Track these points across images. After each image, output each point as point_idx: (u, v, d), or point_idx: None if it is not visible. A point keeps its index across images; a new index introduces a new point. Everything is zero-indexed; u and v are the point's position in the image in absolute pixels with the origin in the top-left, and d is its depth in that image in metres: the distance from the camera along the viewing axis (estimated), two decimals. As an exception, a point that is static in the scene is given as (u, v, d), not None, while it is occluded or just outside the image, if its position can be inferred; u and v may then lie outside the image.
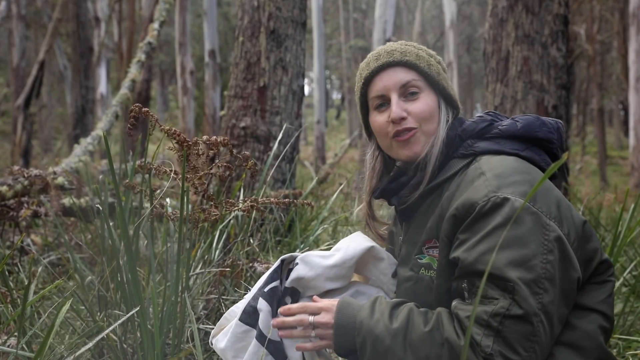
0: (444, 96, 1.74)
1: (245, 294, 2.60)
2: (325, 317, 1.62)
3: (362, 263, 1.76)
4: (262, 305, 1.65)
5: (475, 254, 1.45)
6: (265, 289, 1.68)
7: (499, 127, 1.67)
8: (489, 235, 1.44)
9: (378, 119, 1.75)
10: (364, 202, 1.91)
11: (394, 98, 1.71)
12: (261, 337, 1.63)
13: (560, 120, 1.70)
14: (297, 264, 1.70)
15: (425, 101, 1.71)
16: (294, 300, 1.73)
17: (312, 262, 1.69)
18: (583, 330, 1.52)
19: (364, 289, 1.76)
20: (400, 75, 1.71)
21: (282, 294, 1.71)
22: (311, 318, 1.63)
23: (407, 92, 1.71)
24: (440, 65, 1.77)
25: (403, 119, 1.69)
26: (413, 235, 1.74)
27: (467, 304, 1.47)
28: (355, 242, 1.75)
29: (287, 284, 1.70)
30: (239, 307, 1.75)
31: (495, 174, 1.52)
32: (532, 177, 1.52)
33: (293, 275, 1.69)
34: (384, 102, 1.74)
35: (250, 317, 1.66)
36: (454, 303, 1.51)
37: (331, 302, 1.64)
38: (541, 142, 1.65)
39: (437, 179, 1.68)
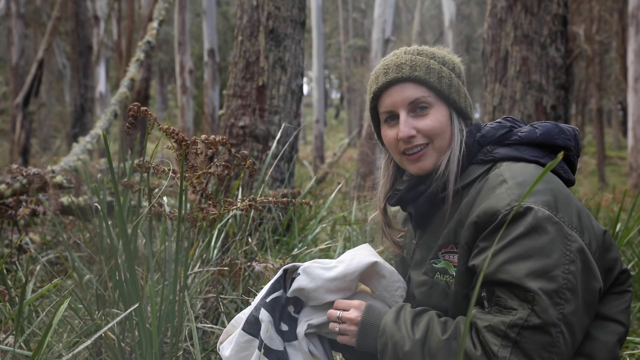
0: (456, 108, 1.70)
1: (244, 293, 2.61)
2: (353, 314, 1.65)
3: (367, 276, 1.75)
4: (264, 315, 1.67)
5: (495, 263, 1.44)
6: (267, 300, 1.69)
7: (519, 133, 1.65)
8: (510, 244, 1.43)
9: (388, 133, 1.72)
10: (377, 210, 1.88)
11: (403, 115, 1.67)
12: (264, 348, 1.64)
13: (576, 127, 1.69)
14: (299, 274, 1.70)
15: (435, 117, 1.66)
16: (297, 309, 1.74)
17: (313, 274, 1.69)
18: (602, 342, 1.51)
19: (372, 302, 1.76)
20: (409, 92, 1.66)
21: (284, 303, 1.72)
22: (339, 313, 1.66)
23: (417, 108, 1.67)
24: (453, 72, 1.71)
25: (412, 137, 1.66)
26: (428, 240, 1.73)
27: (486, 313, 1.46)
28: (359, 256, 1.74)
29: (289, 293, 1.71)
30: (245, 314, 1.75)
31: (517, 182, 1.51)
32: (554, 185, 1.51)
33: (294, 285, 1.69)
34: (394, 116, 1.70)
35: (252, 327, 1.68)
36: (473, 312, 1.51)
37: (361, 302, 1.68)
38: (559, 150, 1.64)
39: (456, 185, 1.65)
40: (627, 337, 2.60)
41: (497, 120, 1.73)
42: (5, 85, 26.32)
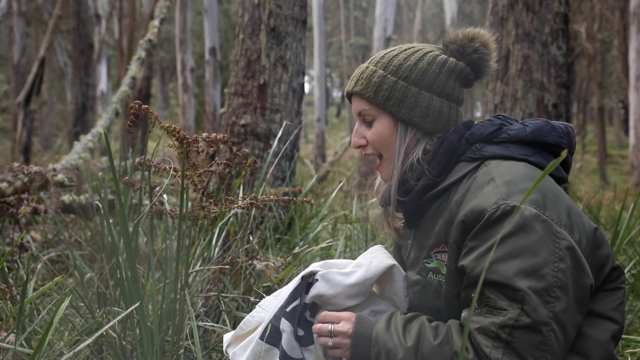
0: (399, 119, 1.69)
1: (245, 292, 2.61)
2: (345, 327, 1.63)
3: (379, 277, 1.75)
4: (285, 325, 1.65)
5: (484, 262, 1.44)
6: (288, 309, 1.67)
7: (508, 131, 1.64)
8: (498, 244, 1.43)
9: None
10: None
11: (357, 124, 1.77)
12: (285, 357, 1.64)
13: (570, 124, 1.68)
14: (316, 279, 1.69)
15: (376, 129, 1.72)
16: (313, 314, 1.73)
17: (333, 280, 1.68)
18: (595, 340, 1.51)
19: (380, 307, 1.76)
20: (356, 105, 1.75)
21: (301, 309, 1.71)
22: (330, 326, 1.65)
23: (365, 120, 1.75)
24: (406, 80, 1.68)
25: (361, 146, 1.76)
26: (421, 239, 1.73)
27: (476, 314, 1.46)
28: (377, 259, 1.73)
29: (307, 300, 1.69)
30: (254, 317, 1.74)
31: (505, 181, 1.50)
32: (542, 184, 1.51)
33: (313, 292, 1.68)
34: None
35: (272, 336, 1.65)
36: (463, 314, 1.52)
37: (350, 313, 1.67)
38: (550, 147, 1.63)
39: (444, 183, 1.65)
40: (629, 336, 2.60)
41: (488, 118, 1.73)
42: (6, 84, 26.36)
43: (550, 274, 1.39)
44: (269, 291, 2.64)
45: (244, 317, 1.78)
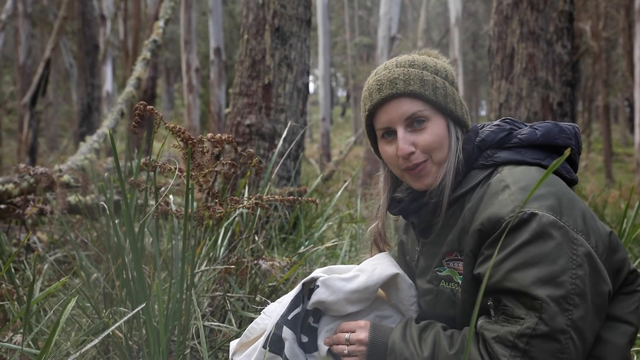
0: (453, 118, 1.65)
1: (250, 291, 2.61)
2: (361, 335, 1.64)
3: (385, 284, 1.74)
4: (287, 334, 1.65)
5: (501, 271, 1.43)
6: (289, 317, 1.67)
7: (519, 136, 1.62)
8: (515, 252, 1.41)
9: (387, 149, 1.67)
10: (377, 221, 1.84)
11: (400, 132, 1.62)
12: None
13: (576, 125, 1.67)
14: (317, 286, 1.69)
15: (433, 130, 1.61)
16: (316, 319, 1.73)
17: (333, 286, 1.67)
18: (613, 344, 1.50)
19: (385, 312, 1.76)
20: (405, 107, 1.61)
21: (304, 316, 1.71)
22: (347, 335, 1.66)
23: (414, 122, 1.62)
24: (447, 80, 1.66)
25: (411, 153, 1.61)
26: (432, 248, 1.71)
27: (492, 322, 1.45)
28: (381, 266, 1.72)
29: (309, 306, 1.69)
30: (259, 324, 1.74)
31: (520, 187, 1.48)
32: (557, 189, 1.49)
33: (314, 298, 1.68)
34: (391, 132, 1.65)
35: (275, 345, 1.65)
36: (479, 322, 1.50)
37: (366, 322, 1.67)
38: (560, 150, 1.61)
39: (457, 191, 1.63)
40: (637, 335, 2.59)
41: (496, 123, 1.70)
42: (12, 85, 26.42)
43: (569, 281, 1.38)
44: (275, 291, 2.65)
45: (249, 317, 1.78)
